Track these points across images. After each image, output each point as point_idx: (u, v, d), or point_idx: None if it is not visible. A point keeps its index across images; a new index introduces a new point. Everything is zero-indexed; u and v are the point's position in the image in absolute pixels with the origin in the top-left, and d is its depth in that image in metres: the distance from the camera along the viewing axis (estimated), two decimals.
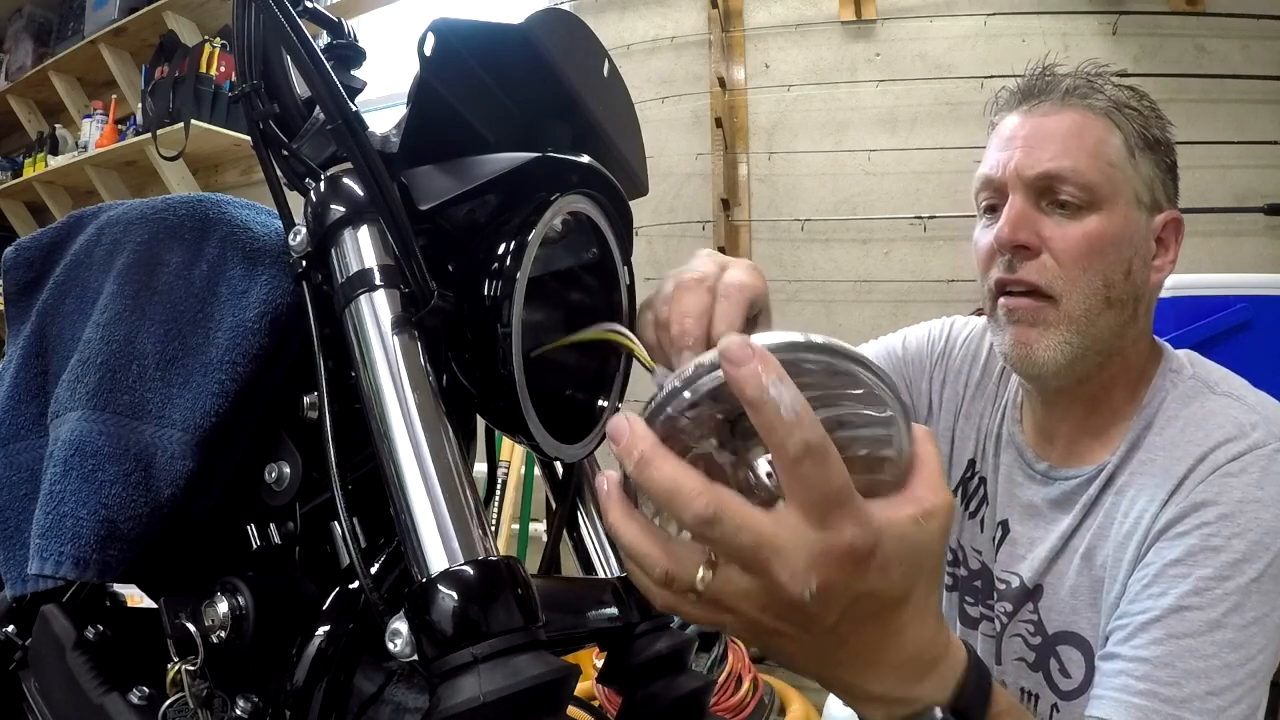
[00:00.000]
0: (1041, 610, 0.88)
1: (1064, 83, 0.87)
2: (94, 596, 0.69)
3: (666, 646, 0.69)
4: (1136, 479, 0.83)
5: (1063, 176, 0.83)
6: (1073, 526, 0.87)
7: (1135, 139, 0.85)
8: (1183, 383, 0.87)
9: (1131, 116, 0.86)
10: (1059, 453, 0.92)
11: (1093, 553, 0.85)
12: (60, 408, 0.65)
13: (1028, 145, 0.86)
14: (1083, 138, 0.84)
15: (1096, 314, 0.84)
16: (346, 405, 0.60)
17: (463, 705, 0.46)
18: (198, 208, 0.67)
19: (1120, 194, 0.84)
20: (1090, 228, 0.83)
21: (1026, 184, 0.85)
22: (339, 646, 0.60)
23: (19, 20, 4.26)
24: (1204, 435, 0.81)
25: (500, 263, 0.59)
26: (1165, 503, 0.79)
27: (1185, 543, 0.76)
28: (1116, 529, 0.83)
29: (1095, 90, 0.86)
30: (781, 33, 2.83)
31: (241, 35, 0.65)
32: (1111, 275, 0.84)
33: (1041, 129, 0.86)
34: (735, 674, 2.09)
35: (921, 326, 1.13)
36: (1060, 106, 0.86)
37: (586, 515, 0.75)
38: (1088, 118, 0.85)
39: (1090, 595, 0.84)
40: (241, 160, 3.72)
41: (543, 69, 0.66)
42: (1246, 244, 2.22)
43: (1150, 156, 0.86)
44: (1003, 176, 0.87)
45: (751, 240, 2.84)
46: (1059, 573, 0.87)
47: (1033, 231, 0.84)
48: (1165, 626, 0.73)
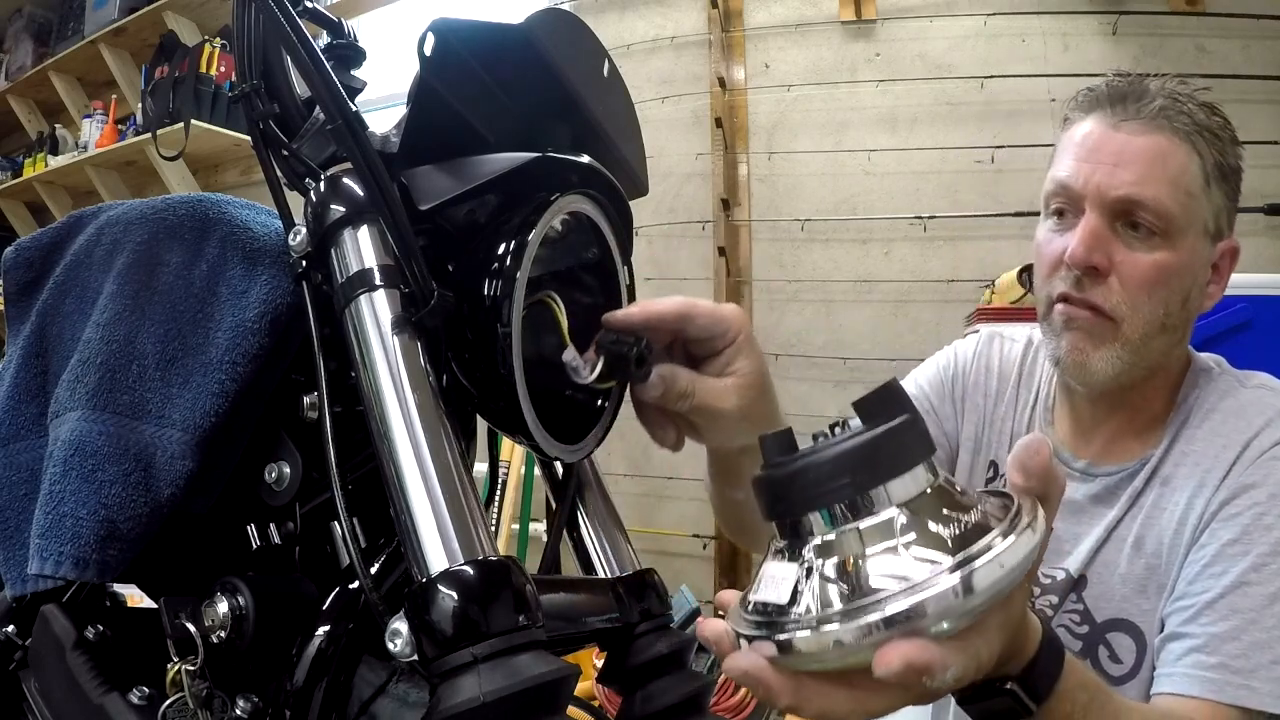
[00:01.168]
0: (1088, 600, 0.91)
1: (1155, 101, 0.86)
2: (94, 596, 0.69)
3: (666, 646, 0.69)
4: (1180, 469, 0.88)
5: (1143, 203, 0.84)
6: (1118, 517, 0.90)
7: (1213, 167, 0.87)
8: (1214, 380, 0.92)
9: (1212, 143, 0.87)
10: (1096, 451, 0.95)
11: (1142, 541, 0.88)
12: (60, 408, 0.65)
13: (1112, 164, 0.85)
14: (1166, 164, 0.85)
15: (1151, 338, 0.87)
16: (347, 405, 0.60)
17: (463, 705, 0.46)
18: (198, 208, 0.67)
19: (1193, 225, 0.86)
20: (1160, 258, 0.85)
21: (1106, 204, 0.85)
22: (339, 646, 0.60)
23: (19, 20, 4.26)
24: (1245, 424, 0.86)
25: (500, 263, 0.59)
26: (1217, 487, 0.84)
27: (1239, 522, 0.81)
28: (1168, 517, 0.87)
29: (1182, 111, 0.86)
30: (781, 33, 2.83)
31: (241, 35, 0.65)
32: (1171, 305, 0.87)
33: (1128, 149, 0.85)
34: None
35: (930, 365, 1.14)
36: (1147, 127, 0.86)
37: (586, 515, 0.75)
38: (1173, 143, 0.85)
39: (1141, 582, 0.87)
40: (241, 160, 3.72)
41: (543, 69, 0.66)
42: (1246, 244, 2.21)
43: (1223, 186, 0.88)
44: (1082, 189, 0.87)
45: (751, 240, 2.84)
46: (1106, 562, 0.90)
47: (1105, 254, 0.86)
48: (1229, 603, 0.78)
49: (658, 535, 2.81)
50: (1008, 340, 1.10)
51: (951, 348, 1.14)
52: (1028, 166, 2.42)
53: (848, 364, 2.63)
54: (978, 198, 2.48)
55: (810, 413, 2.36)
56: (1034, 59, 2.47)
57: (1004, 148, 2.39)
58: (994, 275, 2.15)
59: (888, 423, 0.38)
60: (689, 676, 0.69)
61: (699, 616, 2.20)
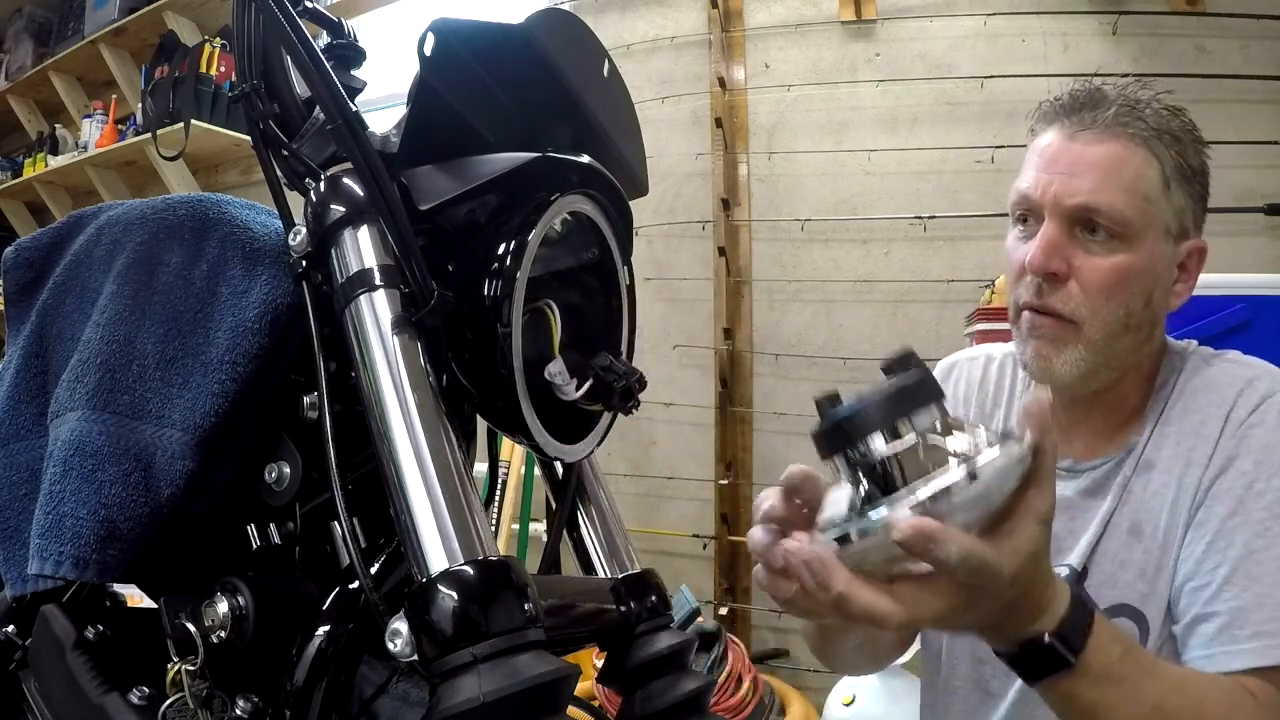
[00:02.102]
0: (1091, 589, 0.93)
1: (1110, 109, 0.88)
2: (94, 596, 0.69)
3: (666, 646, 0.69)
4: (1163, 452, 0.90)
5: (1098, 210, 0.86)
6: (1112, 507, 0.92)
7: (1172, 169, 0.88)
8: (1186, 360, 0.95)
9: (1170, 144, 0.88)
10: (1079, 450, 0.97)
11: (1139, 527, 0.90)
12: (60, 408, 0.65)
13: (1068, 173, 0.88)
14: (1122, 171, 0.87)
15: (1114, 338, 0.89)
16: (347, 405, 0.60)
17: (463, 705, 0.46)
18: (198, 208, 0.67)
19: (1151, 228, 0.88)
20: (1118, 261, 0.87)
21: (1063, 212, 0.88)
22: (339, 646, 0.60)
23: (19, 20, 4.26)
24: (1219, 397, 0.89)
25: (500, 263, 0.59)
26: (1206, 464, 0.87)
27: (1232, 494, 0.84)
28: (1160, 500, 0.89)
29: (1138, 117, 0.88)
30: (781, 33, 2.83)
31: (241, 35, 0.65)
32: (1133, 305, 0.88)
33: (1083, 158, 0.88)
34: (735, 674, 2.09)
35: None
36: (1103, 135, 0.88)
37: (586, 515, 0.75)
38: (1129, 148, 0.87)
39: (1140, 567, 0.89)
40: (241, 160, 3.71)
41: (543, 69, 0.66)
42: (1246, 244, 2.22)
43: (1185, 187, 0.90)
44: (1040, 199, 0.90)
45: (751, 240, 2.84)
46: (1104, 551, 0.92)
47: (1063, 259, 0.88)
48: (1245, 574, 0.81)
49: (658, 535, 2.81)
50: (962, 363, 1.13)
51: (949, 363, 1.15)
52: None
53: (848, 364, 2.62)
54: (978, 198, 2.48)
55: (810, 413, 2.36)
56: (1034, 59, 2.46)
57: (1004, 148, 2.39)
58: (994, 275, 2.15)
59: (904, 375, 0.51)
60: (689, 676, 0.69)
61: (699, 616, 2.20)
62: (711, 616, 2.56)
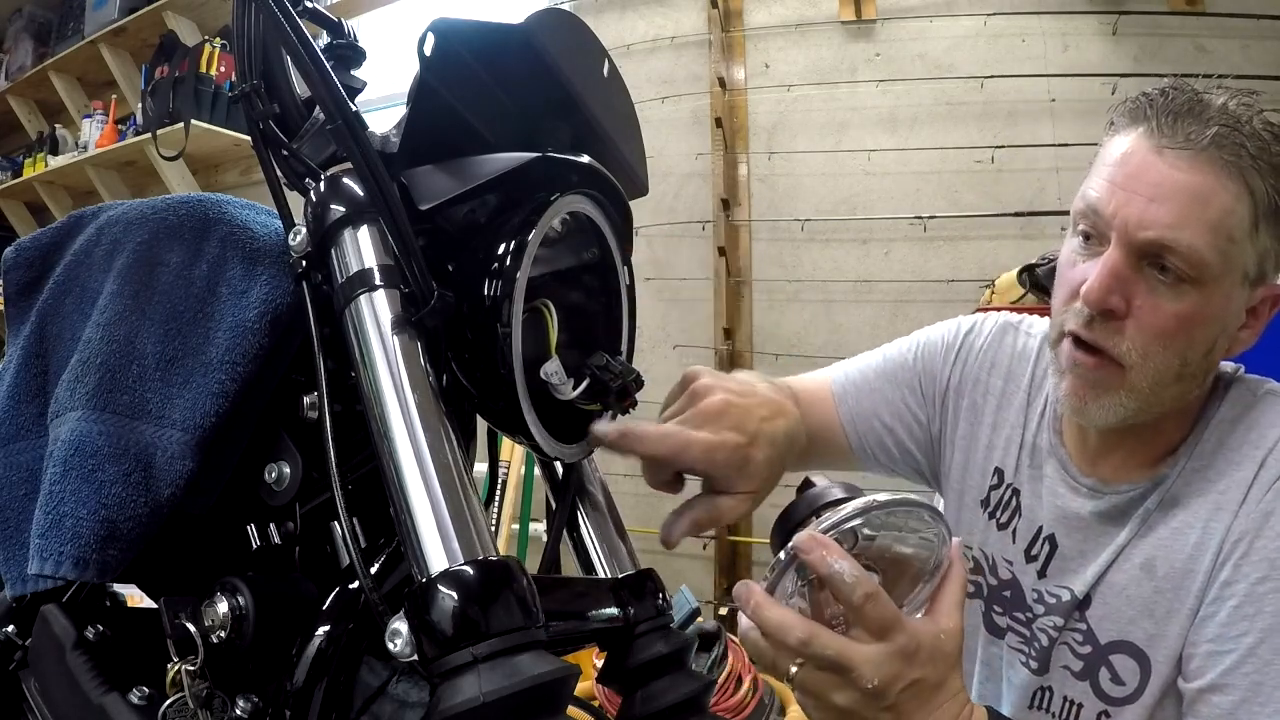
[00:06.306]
0: (1091, 620, 0.87)
1: (1211, 128, 0.76)
2: (94, 596, 0.69)
3: (666, 646, 0.68)
4: (1190, 487, 0.83)
5: (1174, 250, 0.76)
6: (1127, 539, 0.85)
7: (1266, 208, 0.77)
8: (1230, 390, 0.86)
9: (1268, 175, 0.76)
10: (1107, 473, 0.90)
11: (1153, 564, 0.83)
12: (60, 408, 0.65)
13: (1146, 196, 0.76)
14: (1208, 206, 0.75)
15: (1163, 388, 0.80)
16: (347, 405, 0.60)
17: (463, 705, 0.46)
18: (198, 208, 0.67)
19: (1229, 272, 0.77)
20: (1185, 307, 0.77)
21: (1133, 244, 0.77)
22: (339, 646, 0.60)
23: (19, 20, 4.26)
24: (1257, 436, 0.81)
25: (500, 263, 0.59)
26: (1236, 513, 0.79)
27: (1266, 557, 0.76)
28: (1182, 541, 0.82)
29: (1239, 142, 0.76)
30: (781, 33, 2.83)
31: (241, 35, 0.65)
32: (1190, 355, 0.79)
33: (1167, 182, 0.76)
34: (735, 674, 2.09)
35: (934, 334, 1.08)
36: (1195, 159, 0.76)
37: (586, 515, 0.75)
38: (1220, 180, 0.75)
39: (1148, 605, 0.83)
40: (241, 160, 3.71)
41: (543, 69, 0.66)
42: None
43: (1274, 228, 0.78)
44: (1110, 219, 0.78)
45: (751, 240, 2.84)
46: (1112, 584, 0.86)
47: (1124, 296, 0.78)
48: (1272, 645, 0.74)
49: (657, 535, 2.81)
50: (1022, 334, 1.02)
51: (958, 329, 1.06)
52: (1028, 166, 2.42)
53: None
54: (978, 198, 2.48)
55: None
56: (1034, 59, 2.47)
57: (1004, 148, 2.39)
58: (994, 275, 2.15)
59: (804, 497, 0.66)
60: (689, 676, 0.69)
61: (699, 616, 2.20)
62: (711, 616, 2.56)
